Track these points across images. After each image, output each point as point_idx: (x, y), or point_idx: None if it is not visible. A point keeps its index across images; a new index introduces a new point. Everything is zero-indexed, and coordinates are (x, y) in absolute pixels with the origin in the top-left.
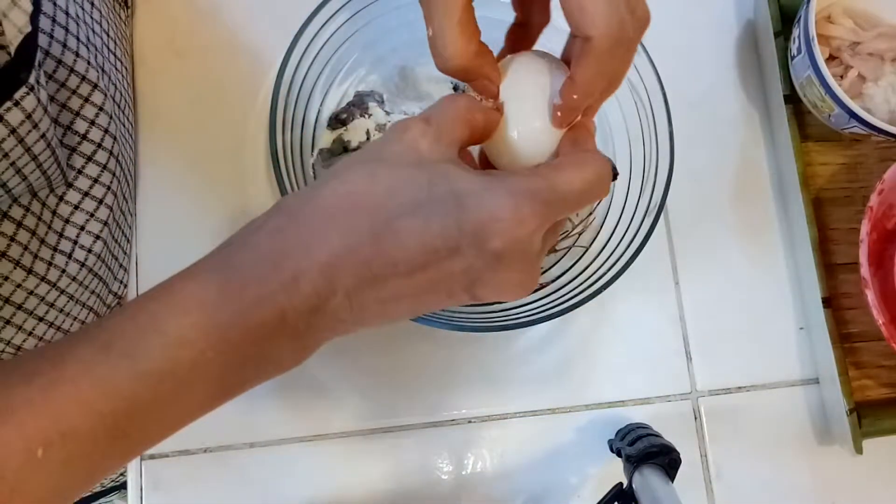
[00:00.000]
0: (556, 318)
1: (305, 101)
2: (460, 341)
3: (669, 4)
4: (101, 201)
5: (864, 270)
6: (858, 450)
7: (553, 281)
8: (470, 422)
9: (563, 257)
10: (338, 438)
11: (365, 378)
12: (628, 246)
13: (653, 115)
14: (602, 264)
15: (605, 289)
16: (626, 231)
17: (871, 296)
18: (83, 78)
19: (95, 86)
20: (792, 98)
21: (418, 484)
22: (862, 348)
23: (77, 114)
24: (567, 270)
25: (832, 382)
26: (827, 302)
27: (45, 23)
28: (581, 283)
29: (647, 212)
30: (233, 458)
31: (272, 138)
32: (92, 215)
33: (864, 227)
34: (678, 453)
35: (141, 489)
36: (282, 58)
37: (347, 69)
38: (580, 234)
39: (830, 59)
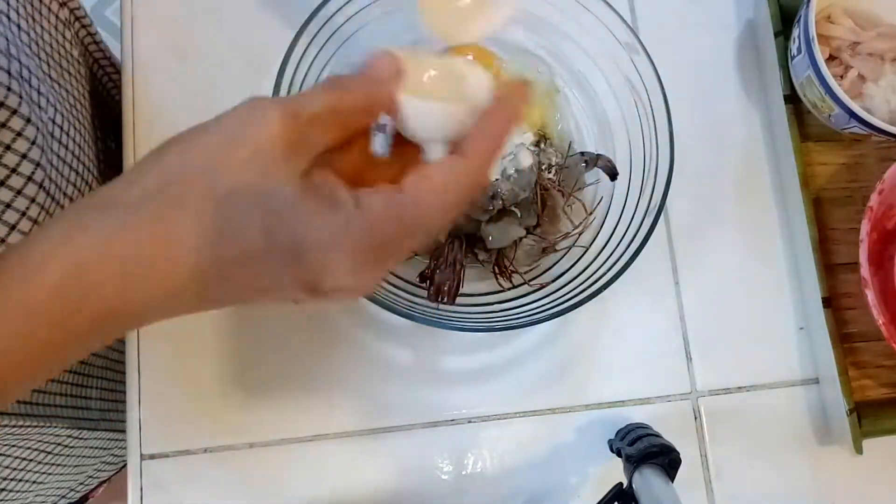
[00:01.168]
0: (556, 318)
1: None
2: (460, 341)
3: (669, 4)
4: (13, 227)
5: (864, 270)
6: (858, 450)
7: (553, 281)
8: (470, 422)
9: (563, 257)
10: (338, 438)
11: (365, 378)
12: (628, 246)
13: (653, 114)
14: (602, 264)
15: (605, 289)
16: (626, 231)
17: (871, 296)
18: (14, 112)
19: (15, 111)
20: (792, 98)
21: (418, 484)
22: (862, 348)
23: (8, 147)
24: (567, 270)
25: (832, 382)
26: (827, 302)
27: None
28: (581, 283)
29: (647, 212)
30: (233, 458)
31: None
32: None
33: (864, 227)
34: (678, 453)
35: (141, 489)
36: (281, 58)
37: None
38: (580, 234)
39: (830, 59)
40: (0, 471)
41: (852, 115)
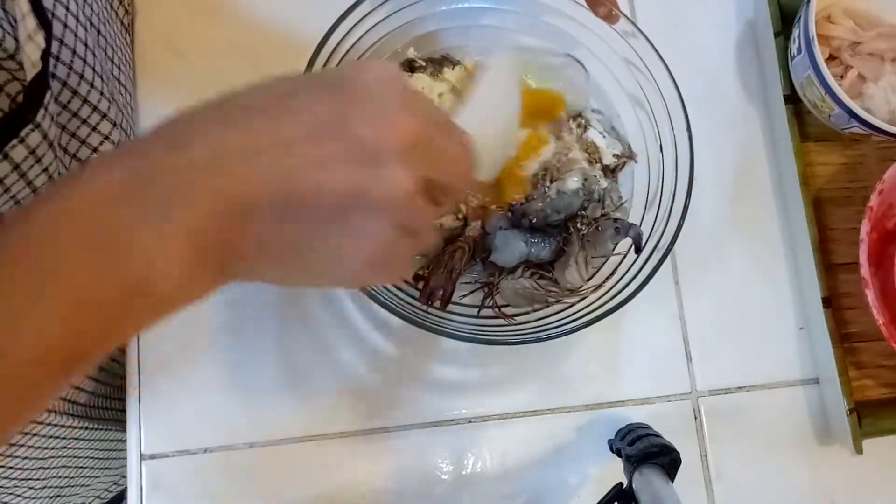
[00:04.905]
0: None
1: None
2: (460, 342)
3: (670, 4)
4: None
5: (864, 270)
6: (858, 450)
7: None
8: (470, 422)
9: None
10: (338, 438)
11: (365, 378)
12: (637, 273)
13: (672, 128)
14: (611, 288)
15: (617, 308)
16: (635, 262)
17: (871, 296)
18: (94, 108)
19: (104, 115)
20: (792, 98)
21: (418, 484)
22: (862, 348)
23: (83, 142)
24: (581, 287)
25: (832, 382)
26: (827, 302)
27: (65, 54)
28: (593, 302)
29: (655, 248)
30: (233, 458)
31: None
32: None
33: (864, 227)
34: (678, 453)
35: (141, 489)
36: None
37: None
38: (573, 301)
39: (830, 59)
40: (59, 480)
41: (852, 115)
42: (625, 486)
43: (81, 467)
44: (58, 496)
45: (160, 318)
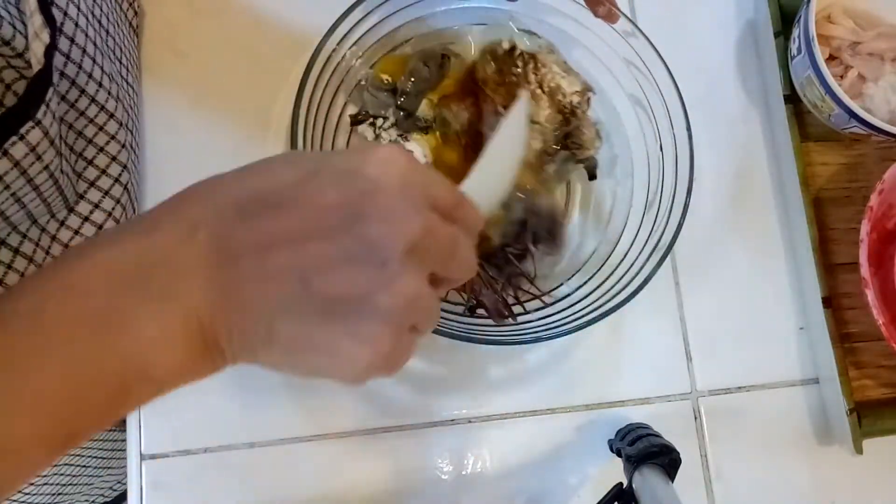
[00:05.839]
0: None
1: (327, 107)
2: (460, 342)
3: (669, 4)
4: (100, 227)
5: (864, 270)
6: (858, 450)
7: (564, 298)
8: (470, 422)
9: (577, 272)
10: (338, 438)
11: None
12: (637, 273)
13: (671, 126)
14: (611, 288)
15: (617, 308)
16: (635, 261)
17: (871, 296)
18: (102, 107)
19: (112, 115)
20: (792, 98)
21: (418, 484)
22: (862, 348)
23: (90, 141)
24: (580, 287)
25: (832, 382)
26: (827, 302)
27: (75, 53)
28: (593, 301)
29: (655, 248)
30: (233, 458)
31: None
32: None
33: (864, 227)
34: (678, 453)
35: (141, 489)
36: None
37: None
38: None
39: (830, 59)
40: (61, 478)
41: (852, 115)
42: (625, 486)
43: (84, 466)
44: (59, 493)
45: (157, 396)
